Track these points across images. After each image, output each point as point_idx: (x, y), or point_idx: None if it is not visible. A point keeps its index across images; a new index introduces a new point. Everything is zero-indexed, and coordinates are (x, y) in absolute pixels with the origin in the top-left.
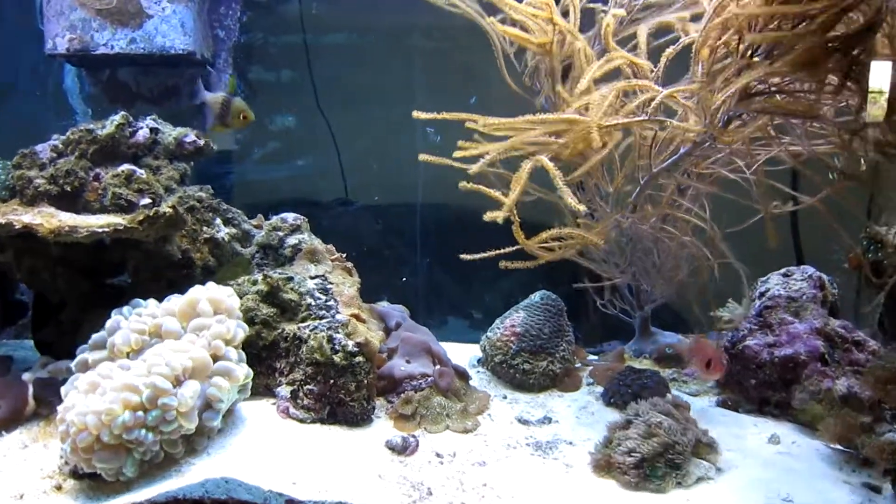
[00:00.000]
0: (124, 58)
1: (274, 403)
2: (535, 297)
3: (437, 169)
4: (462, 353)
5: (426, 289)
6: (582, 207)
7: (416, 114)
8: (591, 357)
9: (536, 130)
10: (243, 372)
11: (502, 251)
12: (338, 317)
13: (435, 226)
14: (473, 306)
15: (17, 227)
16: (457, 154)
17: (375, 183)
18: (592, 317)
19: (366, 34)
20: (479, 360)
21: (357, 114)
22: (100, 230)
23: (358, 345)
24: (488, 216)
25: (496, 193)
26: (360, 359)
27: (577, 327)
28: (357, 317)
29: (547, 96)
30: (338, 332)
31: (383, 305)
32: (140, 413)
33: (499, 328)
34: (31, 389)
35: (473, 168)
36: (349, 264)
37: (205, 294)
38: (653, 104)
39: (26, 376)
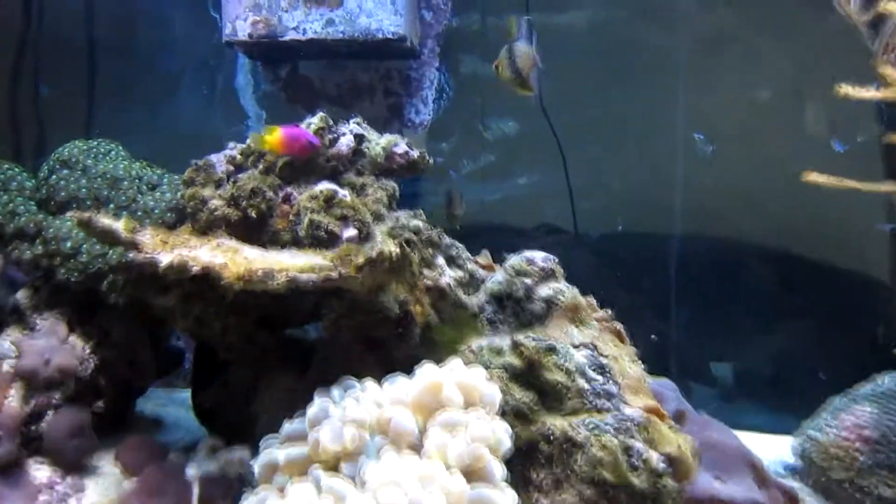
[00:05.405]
0: (318, 45)
1: None
2: (887, 381)
3: (704, 190)
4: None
5: (672, 347)
6: None
7: None
8: None
9: None
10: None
11: None
12: (627, 411)
13: (692, 266)
14: (727, 371)
15: (193, 270)
16: None
17: (616, 207)
18: None
19: (613, 7)
20: (788, 468)
21: (595, 115)
22: (304, 277)
23: (668, 459)
24: None
25: None
26: (669, 482)
27: None
28: (656, 411)
29: None
30: (634, 438)
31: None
32: None
33: (831, 427)
34: (195, 490)
35: None
36: (618, 325)
37: (451, 377)
38: None
39: (190, 472)
